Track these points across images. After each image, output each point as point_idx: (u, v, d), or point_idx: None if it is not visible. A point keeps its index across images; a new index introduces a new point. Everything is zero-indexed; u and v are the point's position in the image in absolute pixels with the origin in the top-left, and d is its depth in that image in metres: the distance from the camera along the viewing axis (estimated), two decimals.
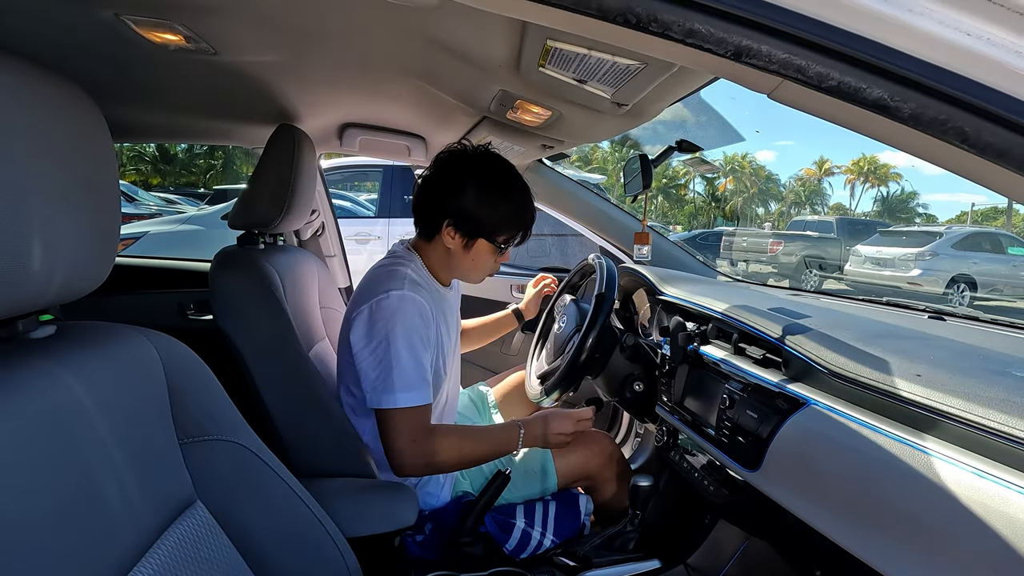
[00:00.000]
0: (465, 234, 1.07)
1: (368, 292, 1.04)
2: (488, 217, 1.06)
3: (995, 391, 0.62)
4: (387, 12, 0.78)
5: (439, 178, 1.07)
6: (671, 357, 1.14)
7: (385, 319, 1.00)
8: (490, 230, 1.07)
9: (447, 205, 1.06)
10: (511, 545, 1.11)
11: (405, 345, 1.00)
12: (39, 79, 0.45)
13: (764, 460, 0.82)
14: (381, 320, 1.00)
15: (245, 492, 0.65)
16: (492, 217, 1.06)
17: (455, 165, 1.07)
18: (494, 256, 1.11)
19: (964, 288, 8.77)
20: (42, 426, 0.44)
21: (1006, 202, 24.96)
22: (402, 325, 1.00)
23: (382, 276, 1.06)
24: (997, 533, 0.52)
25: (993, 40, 0.37)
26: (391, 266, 1.08)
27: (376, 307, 1.01)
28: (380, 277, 1.06)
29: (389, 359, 0.99)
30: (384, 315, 1.00)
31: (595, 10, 0.41)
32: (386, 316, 1.00)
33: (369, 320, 1.02)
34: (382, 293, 1.02)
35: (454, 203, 1.05)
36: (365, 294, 1.05)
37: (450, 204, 1.05)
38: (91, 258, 0.50)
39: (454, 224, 1.06)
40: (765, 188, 40.55)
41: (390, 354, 0.99)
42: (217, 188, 10.89)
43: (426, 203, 1.09)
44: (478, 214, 1.05)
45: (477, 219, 1.06)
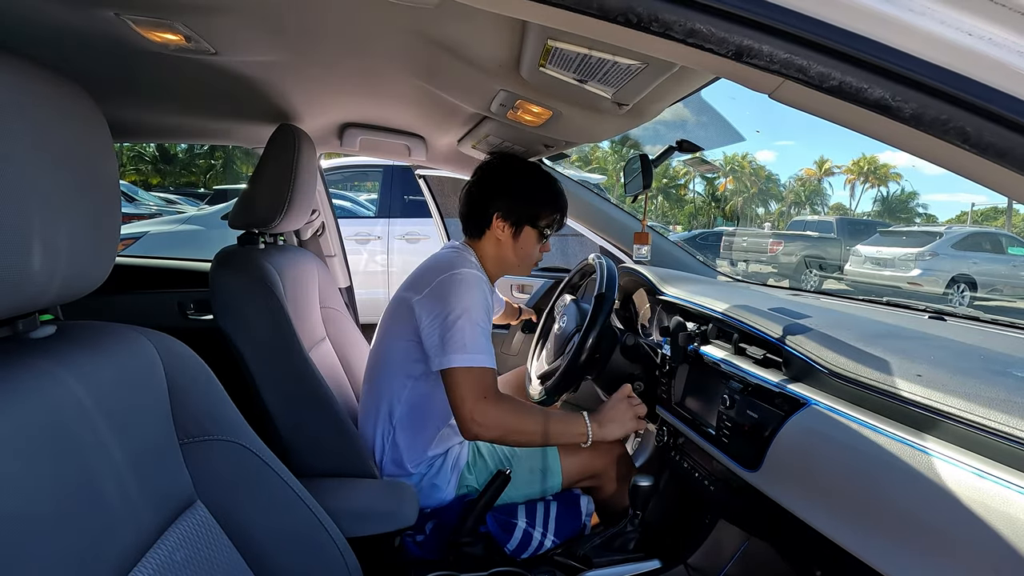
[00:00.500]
0: (513, 223, 1.22)
1: (436, 270, 1.14)
2: (529, 204, 1.23)
3: (996, 391, 0.62)
4: (387, 12, 0.78)
5: (483, 183, 1.25)
6: (671, 357, 1.14)
7: (461, 290, 1.09)
8: (532, 216, 1.23)
9: (494, 201, 1.22)
10: (512, 545, 1.11)
11: (478, 314, 1.09)
12: (39, 79, 0.45)
13: (764, 460, 0.82)
14: (456, 290, 1.09)
15: (245, 492, 0.65)
16: (533, 203, 1.23)
17: (493, 171, 1.26)
18: (538, 244, 1.27)
19: (964, 288, 8.77)
20: (42, 426, 0.44)
21: (1006, 202, 24.95)
22: (476, 297, 1.10)
23: (451, 258, 1.17)
24: (998, 533, 0.52)
25: (995, 40, 0.37)
26: (456, 253, 1.20)
27: (450, 280, 1.11)
28: (448, 259, 1.17)
29: (462, 322, 1.06)
30: (460, 287, 1.10)
31: (596, 10, 0.41)
32: (462, 288, 1.10)
33: (443, 290, 1.10)
34: (455, 270, 1.12)
35: (500, 198, 1.22)
36: (431, 272, 1.15)
37: (496, 199, 1.22)
38: (91, 258, 0.50)
39: (503, 215, 1.21)
40: (765, 188, 40.55)
41: (463, 319, 1.07)
42: (217, 188, 10.90)
43: (475, 204, 1.24)
44: (521, 203, 1.22)
45: (520, 207, 1.22)
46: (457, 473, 1.18)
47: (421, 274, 1.19)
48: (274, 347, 1.04)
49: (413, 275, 1.22)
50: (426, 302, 1.12)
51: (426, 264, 1.22)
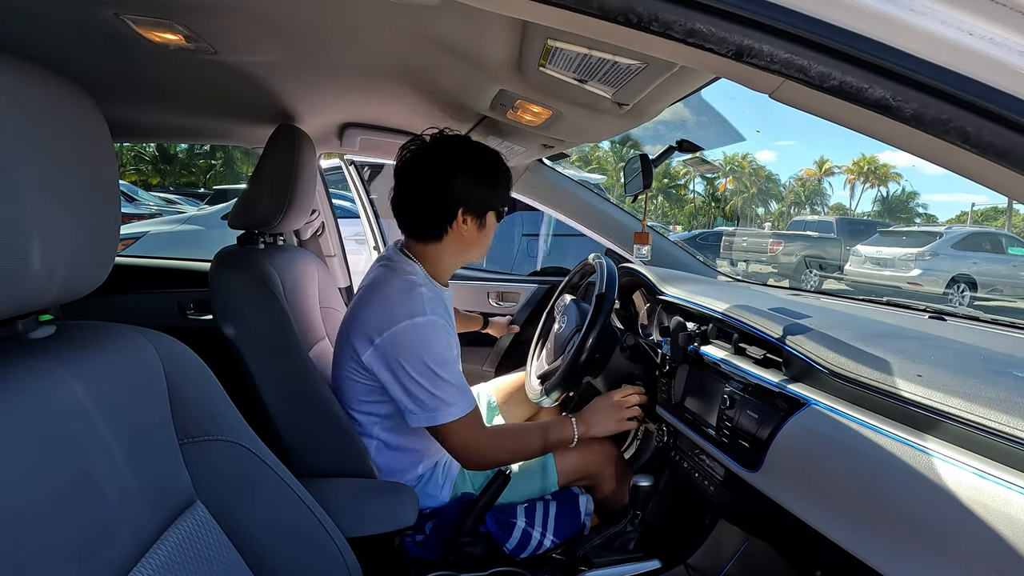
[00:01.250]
0: (478, 214, 1.08)
1: (387, 315, 1.01)
2: (494, 188, 1.10)
3: (996, 391, 0.62)
4: (387, 12, 0.78)
5: (439, 177, 1.05)
6: (671, 357, 1.14)
7: (418, 346, 0.99)
8: (496, 199, 1.11)
9: (458, 197, 1.06)
10: (511, 544, 1.11)
11: (442, 365, 1.00)
12: (39, 79, 0.45)
13: (764, 460, 0.82)
14: (413, 347, 0.99)
15: (245, 492, 0.65)
16: (497, 186, 1.10)
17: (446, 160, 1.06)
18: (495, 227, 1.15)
19: (964, 288, 8.76)
20: (42, 426, 0.44)
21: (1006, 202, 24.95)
22: (436, 349, 1.00)
23: (398, 298, 1.02)
24: (998, 533, 0.52)
25: (995, 40, 0.37)
26: (402, 283, 1.05)
27: (407, 332, 1.00)
28: (397, 299, 1.02)
29: (435, 379, 0.99)
30: (416, 343, 1.00)
31: (596, 9, 0.41)
32: (419, 343, 1.00)
33: (400, 346, 1.00)
34: (405, 319, 0.99)
35: (464, 191, 1.06)
36: (378, 315, 1.02)
37: (461, 194, 1.06)
38: (91, 258, 0.50)
39: (467, 208, 1.07)
40: (765, 188, 40.55)
41: (435, 374, 0.99)
42: (217, 188, 10.89)
43: (433, 205, 1.07)
44: (486, 190, 1.09)
45: (486, 195, 1.09)
46: (451, 481, 1.17)
47: (365, 314, 1.04)
48: (274, 347, 1.04)
49: (356, 311, 1.07)
50: (382, 359, 1.01)
51: (367, 298, 1.06)
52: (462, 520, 1.08)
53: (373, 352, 1.02)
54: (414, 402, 1.01)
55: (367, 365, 1.03)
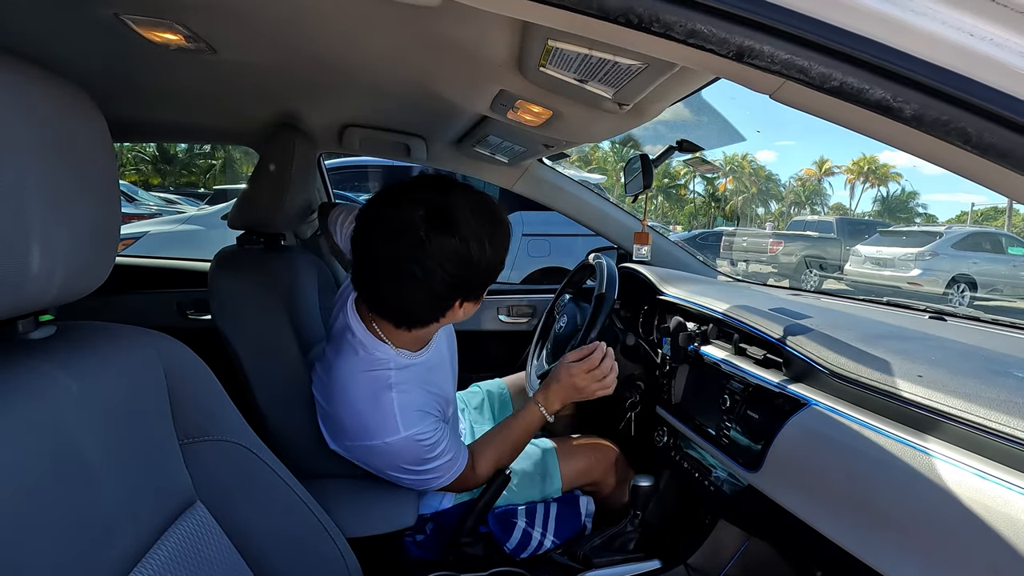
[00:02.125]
0: (477, 297, 0.90)
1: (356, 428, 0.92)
2: (496, 268, 0.89)
3: (996, 392, 0.62)
4: (387, 12, 0.78)
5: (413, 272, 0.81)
6: (671, 357, 1.14)
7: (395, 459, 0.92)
8: (495, 278, 0.91)
9: (459, 286, 0.85)
10: (512, 544, 1.11)
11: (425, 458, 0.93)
12: (39, 79, 0.45)
13: (765, 461, 0.82)
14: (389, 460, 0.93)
15: (245, 493, 0.65)
16: (498, 266, 0.89)
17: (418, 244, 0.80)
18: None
19: (964, 288, 8.76)
20: (41, 427, 0.44)
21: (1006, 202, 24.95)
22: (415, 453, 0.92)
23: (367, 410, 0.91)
24: (998, 534, 0.52)
25: (996, 40, 0.37)
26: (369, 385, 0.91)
27: (377, 452, 0.92)
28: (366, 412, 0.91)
29: (416, 473, 0.94)
30: (391, 457, 0.92)
31: (596, 10, 0.41)
32: (394, 457, 0.92)
33: (373, 458, 0.94)
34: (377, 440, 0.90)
35: (469, 279, 0.85)
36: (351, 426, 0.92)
37: (464, 283, 0.85)
38: (91, 258, 0.50)
39: (468, 297, 0.88)
40: (765, 188, 40.55)
41: (414, 472, 0.94)
42: (217, 188, 10.89)
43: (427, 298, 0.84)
44: (489, 271, 0.87)
45: (488, 276, 0.88)
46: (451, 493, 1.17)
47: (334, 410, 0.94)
48: (272, 347, 1.04)
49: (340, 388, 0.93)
50: (361, 460, 0.96)
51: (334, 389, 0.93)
52: (462, 520, 1.08)
53: (348, 452, 0.96)
54: (410, 481, 0.97)
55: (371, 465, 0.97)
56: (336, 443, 0.98)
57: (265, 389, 1.04)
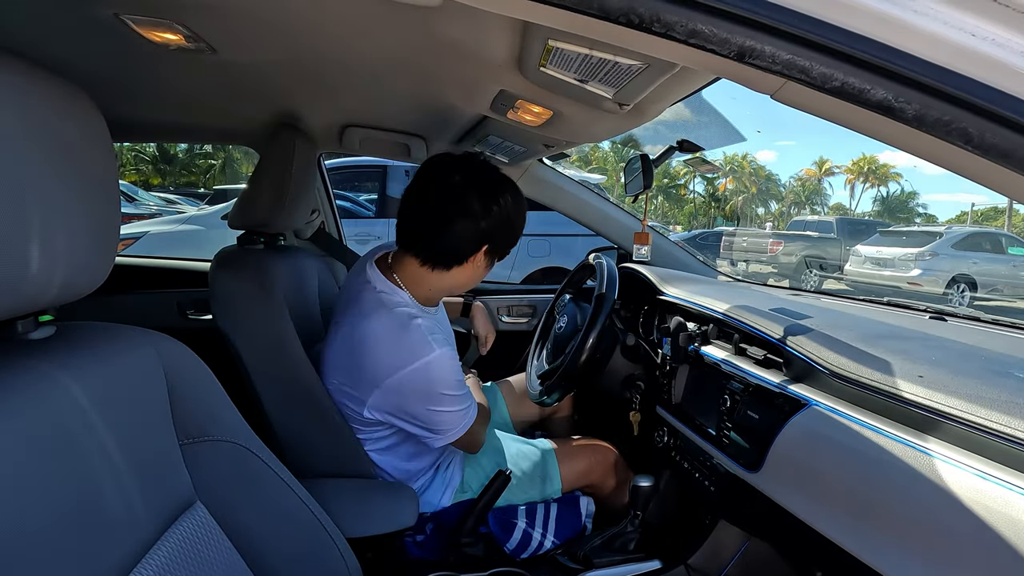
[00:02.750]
0: (498, 253, 1.04)
1: (388, 361, 0.96)
2: (516, 230, 1.04)
3: (997, 392, 0.62)
4: (388, 12, 0.78)
5: (473, 206, 0.97)
6: (672, 357, 1.14)
7: (428, 386, 0.97)
8: (513, 242, 1.05)
9: (488, 230, 0.99)
10: (512, 545, 1.11)
11: (453, 390, 0.99)
12: (38, 79, 0.45)
13: (765, 461, 0.82)
14: (423, 389, 0.97)
15: (245, 493, 0.65)
16: (518, 229, 1.04)
17: (482, 187, 0.98)
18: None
19: (964, 288, 8.76)
20: (41, 428, 0.44)
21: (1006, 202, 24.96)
22: (445, 381, 0.98)
23: (397, 338, 0.96)
24: (998, 534, 0.52)
25: (998, 41, 0.37)
26: (395, 320, 0.97)
27: (410, 380, 0.96)
28: (396, 341, 0.96)
29: (447, 409, 0.99)
30: (425, 384, 0.96)
31: (597, 10, 0.41)
32: (428, 383, 0.97)
33: (407, 391, 0.97)
34: (411, 364, 0.95)
35: (494, 226, 0.99)
36: (384, 362, 0.96)
37: (493, 231, 1.00)
38: (91, 258, 0.50)
39: (491, 247, 1.02)
40: (765, 188, 40.55)
41: (445, 405, 0.99)
42: (217, 188, 10.89)
43: (460, 233, 0.98)
44: (512, 231, 1.03)
45: (509, 236, 1.03)
46: (451, 489, 1.17)
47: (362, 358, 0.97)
48: (273, 347, 1.03)
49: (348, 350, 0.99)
50: (389, 404, 0.98)
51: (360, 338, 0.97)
52: (462, 520, 1.08)
53: (378, 397, 0.98)
54: (430, 430, 1.01)
55: (370, 408, 1.00)
56: (371, 399, 0.99)
57: (267, 389, 1.04)
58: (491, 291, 1.99)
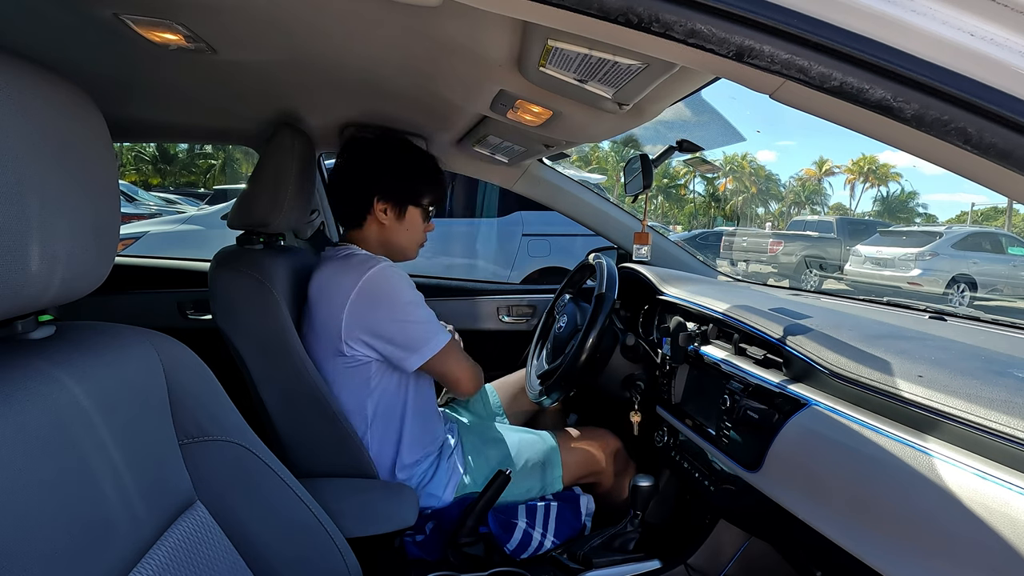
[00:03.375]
0: (396, 203, 1.16)
1: (344, 283, 1.05)
2: (410, 181, 1.17)
3: (997, 392, 0.62)
4: (387, 12, 0.78)
5: (357, 163, 1.17)
6: (671, 357, 1.14)
7: (387, 292, 1.05)
8: (415, 194, 1.17)
9: (372, 182, 1.15)
10: (512, 545, 1.11)
11: (415, 300, 1.08)
12: (38, 79, 0.45)
13: (765, 461, 0.82)
14: (383, 295, 1.05)
15: (245, 493, 0.65)
16: (414, 180, 1.17)
17: (366, 150, 1.18)
18: (424, 224, 1.21)
19: (964, 288, 8.76)
20: (41, 428, 0.44)
21: (1006, 202, 24.95)
22: (404, 285, 1.07)
23: (348, 265, 1.08)
24: (998, 534, 0.52)
25: (996, 40, 0.37)
26: (348, 257, 1.10)
27: (368, 288, 1.04)
28: (345, 267, 1.08)
29: (413, 316, 1.07)
30: (384, 290, 1.05)
31: (596, 10, 0.41)
32: (386, 290, 1.05)
33: (370, 301, 1.04)
34: (363, 275, 1.04)
35: (378, 178, 1.15)
36: (341, 286, 1.06)
37: (375, 180, 1.15)
38: (91, 258, 0.50)
39: (382, 196, 1.14)
40: (765, 188, 40.55)
41: (409, 313, 1.06)
42: (217, 188, 10.88)
43: (350, 188, 1.16)
44: (402, 181, 1.16)
45: (402, 186, 1.16)
46: (455, 482, 1.17)
47: (326, 289, 1.08)
48: (272, 347, 1.03)
49: (315, 294, 1.10)
50: (360, 322, 1.05)
51: (321, 279, 1.10)
52: (462, 520, 1.08)
53: (347, 323, 1.05)
54: (406, 345, 1.06)
55: (345, 339, 1.06)
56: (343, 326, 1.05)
57: (267, 388, 1.04)
58: (491, 291, 1.98)
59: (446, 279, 2.04)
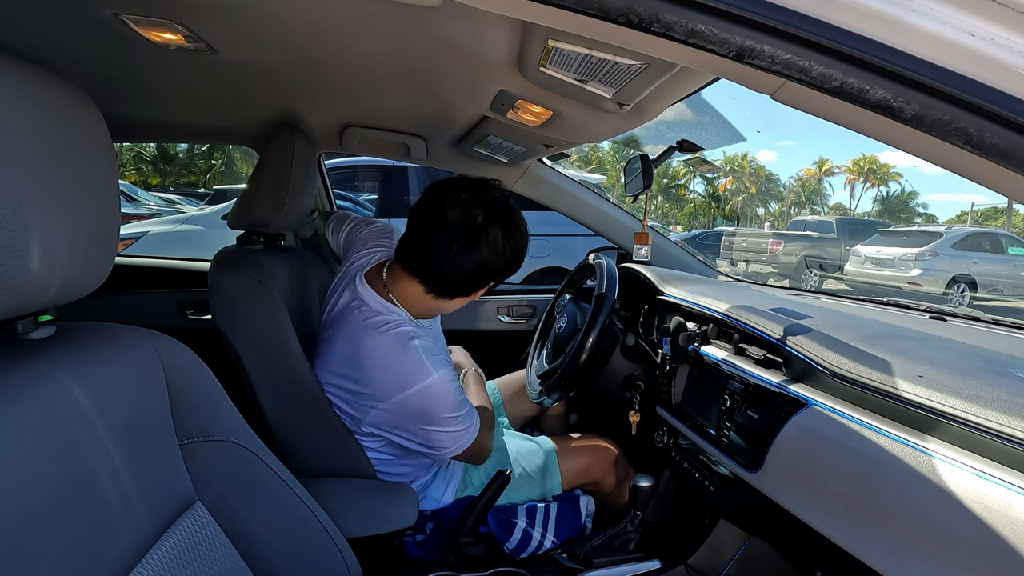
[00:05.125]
0: (492, 287, 1.06)
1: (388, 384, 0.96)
2: (515, 265, 1.02)
3: (997, 392, 0.62)
4: (388, 11, 0.78)
5: (492, 246, 0.96)
6: (671, 357, 1.14)
7: (429, 408, 0.96)
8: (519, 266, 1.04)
9: (497, 268, 0.99)
10: (512, 544, 1.11)
11: (454, 411, 0.99)
12: (38, 79, 0.45)
13: (765, 461, 0.82)
14: (424, 411, 0.97)
15: (245, 493, 0.65)
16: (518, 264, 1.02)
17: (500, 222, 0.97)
18: None
19: (964, 288, 8.76)
20: (41, 428, 0.44)
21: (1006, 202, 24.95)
22: (446, 402, 0.97)
23: (396, 360, 0.96)
24: (998, 534, 0.52)
25: (997, 40, 0.37)
26: (393, 340, 0.97)
27: (411, 402, 0.96)
28: (394, 362, 0.96)
29: (447, 428, 0.98)
30: (426, 406, 0.96)
31: (597, 10, 0.41)
32: (429, 406, 0.96)
33: (407, 413, 0.97)
34: (411, 387, 0.95)
35: (504, 263, 0.99)
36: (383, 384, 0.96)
37: (500, 266, 0.99)
38: (91, 259, 0.50)
39: (496, 283, 1.04)
40: (765, 188, 40.54)
41: (445, 426, 0.98)
42: (217, 188, 10.88)
43: (472, 269, 0.97)
44: (521, 258, 1.02)
45: (518, 263, 1.02)
46: (452, 486, 1.17)
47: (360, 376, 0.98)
48: (272, 348, 1.03)
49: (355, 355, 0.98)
50: (390, 423, 0.99)
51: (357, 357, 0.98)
52: (462, 520, 1.08)
53: (375, 416, 0.99)
54: (429, 447, 1.01)
55: (367, 425, 1.01)
56: (369, 416, 1.00)
57: (267, 389, 1.04)
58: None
59: None
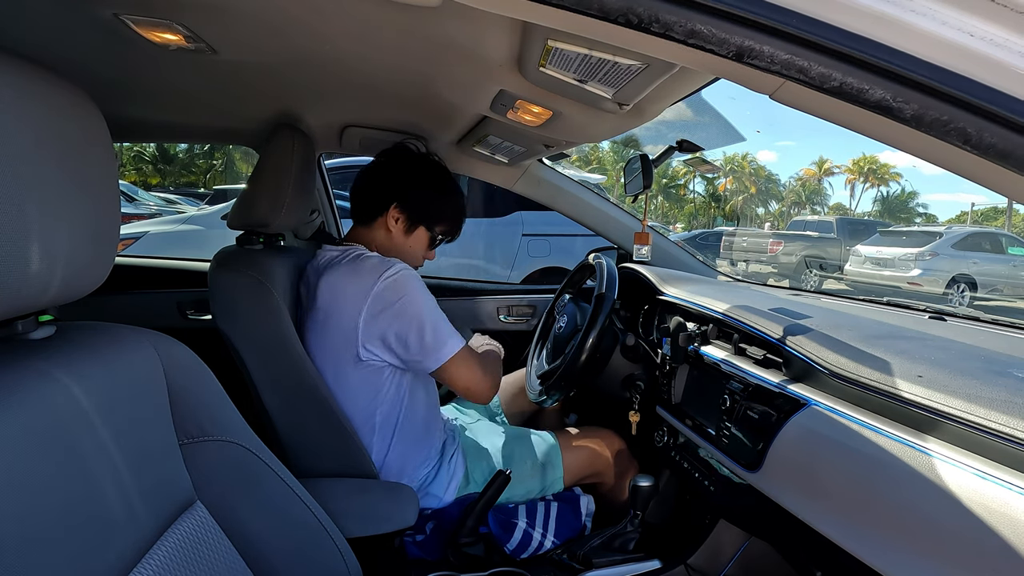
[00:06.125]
0: (409, 218, 1.16)
1: (360, 285, 1.04)
2: (434, 206, 1.17)
3: (996, 392, 0.62)
4: (388, 11, 0.78)
5: (392, 166, 1.17)
6: (671, 357, 1.14)
7: (406, 290, 1.04)
8: (432, 219, 1.18)
9: (397, 188, 1.15)
10: (512, 545, 1.11)
11: (432, 303, 1.06)
12: (38, 79, 0.45)
13: (765, 461, 0.82)
14: (402, 293, 1.03)
15: (245, 493, 0.65)
16: (437, 208, 1.18)
17: (408, 159, 1.19)
18: (426, 248, 1.21)
19: (964, 288, 8.76)
20: (41, 428, 0.44)
21: (1006, 202, 24.94)
22: (422, 291, 1.06)
23: (363, 268, 1.06)
24: (998, 534, 0.52)
25: (996, 41, 0.37)
26: (360, 259, 1.08)
27: (387, 285, 1.03)
28: (359, 270, 1.06)
29: (430, 320, 1.05)
30: (402, 288, 1.04)
31: (596, 10, 0.41)
32: (405, 287, 1.04)
33: (390, 299, 1.03)
34: (382, 274, 1.03)
35: (404, 188, 1.15)
36: (356, 288, 1.04)
37: (400, 188, 1.15)
38: (91, 259, 0.50)
39: (400, 206, 1.15)
40: (765, 188, 40.55)
41: (426, 317, 1.04)
42: (217, 188, 10.88)
43: (374, 186, 1.17)
44: (425, 201, 1.16)
45: (423, 206, 1.16)
46: (456, 482, 1.17)
47: (341, 291, 1.05)
48: (273, 347, 1.03)
49: (326, 296, 1.06)
50: (378, 318, 1.03)
51: (333, 281, 1.06)
52: (462, 520, 1.08)
53: (363, 329, 1.04)
54: (420, 348, 1.04)
55: (362, 343, 1.05)
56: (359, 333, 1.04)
57: (267, 389, 1.04)
58: (491, 291, 1.98)
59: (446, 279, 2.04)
